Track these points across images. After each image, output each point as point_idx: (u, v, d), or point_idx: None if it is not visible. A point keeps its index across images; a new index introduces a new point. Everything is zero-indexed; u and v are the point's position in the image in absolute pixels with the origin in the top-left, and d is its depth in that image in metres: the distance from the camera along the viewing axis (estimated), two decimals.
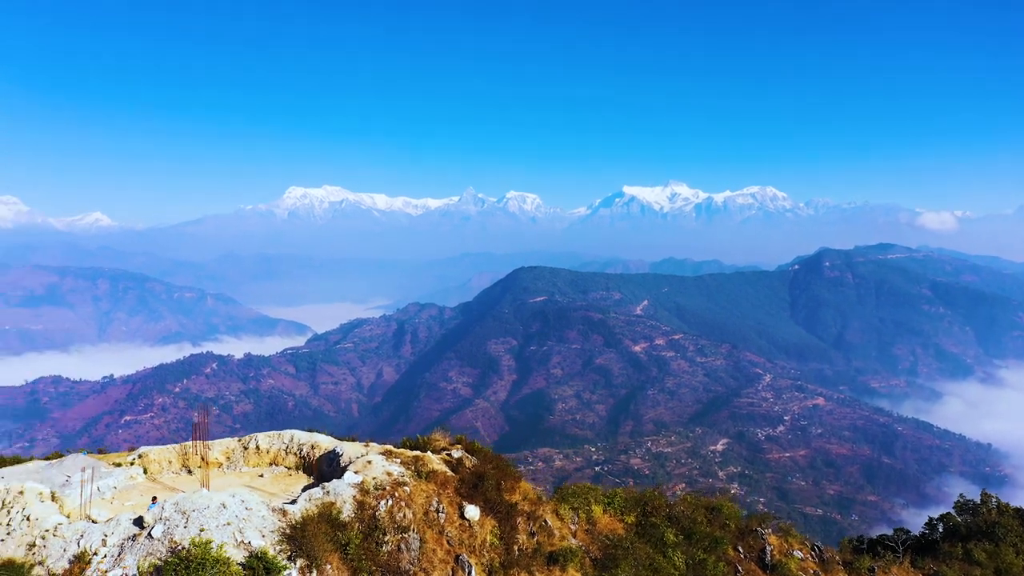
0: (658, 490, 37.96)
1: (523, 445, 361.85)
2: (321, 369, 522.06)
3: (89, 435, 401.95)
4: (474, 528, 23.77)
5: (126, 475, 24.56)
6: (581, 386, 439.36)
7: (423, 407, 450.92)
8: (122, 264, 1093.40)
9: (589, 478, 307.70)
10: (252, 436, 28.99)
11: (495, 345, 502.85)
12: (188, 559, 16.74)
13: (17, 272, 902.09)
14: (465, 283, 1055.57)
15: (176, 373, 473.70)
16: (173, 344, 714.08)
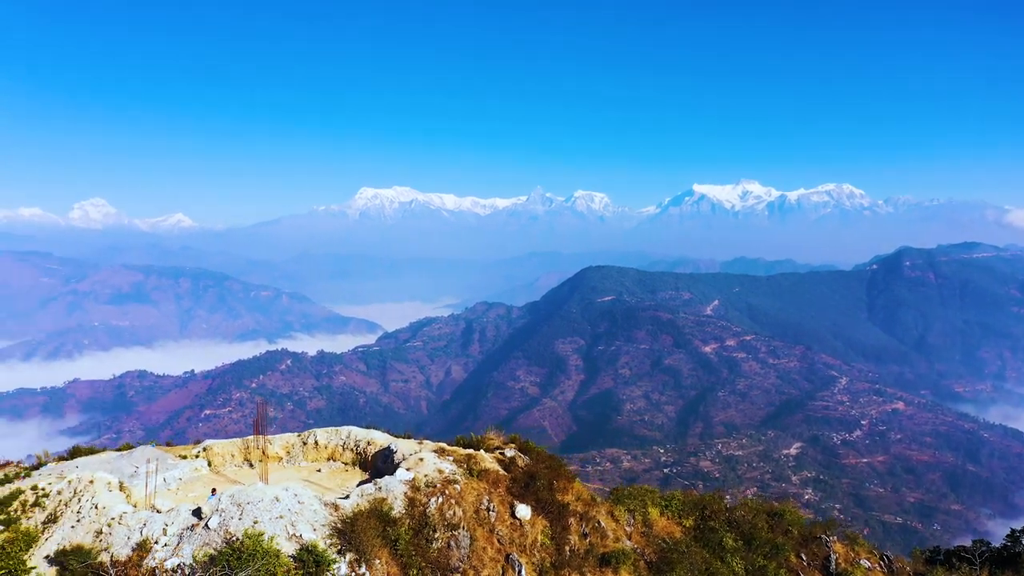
0: (718, 494, 36.91)
1: (590, 445, 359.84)
2: (391, 367, 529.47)
3: (171, 428, 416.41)
4: (525, 527, 23.54)
5: (191, 467, 25.30)
6: (649, 387, 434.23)
7: (491, 406, 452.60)
8: (202, 263, 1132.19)
9: (657, 480, 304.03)
10: (311, 432, 29.50)
11: (562, 345, 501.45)
12: (240, 550, 17.01)
13: (106, 271, 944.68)
14: (532, 282, 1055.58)
15: (253, 369, 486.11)
16: (250, 341, 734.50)
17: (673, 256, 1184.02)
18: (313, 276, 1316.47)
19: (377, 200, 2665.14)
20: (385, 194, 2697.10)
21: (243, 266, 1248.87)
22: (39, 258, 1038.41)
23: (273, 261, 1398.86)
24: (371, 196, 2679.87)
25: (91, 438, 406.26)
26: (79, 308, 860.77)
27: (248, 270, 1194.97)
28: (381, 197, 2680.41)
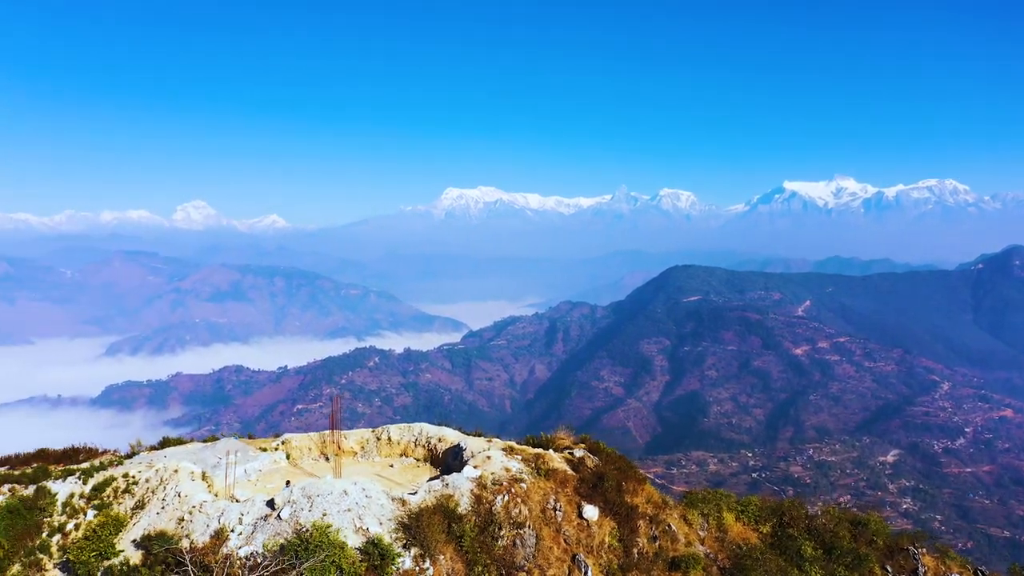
0: (797, 501, 35.54)
1: (676, 447, 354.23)
2: (476, 365, 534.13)
3: (266, 421, 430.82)
4: (592, 528, 23.33)
5: (270, 460, 26.18)
6: (737, 389, 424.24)
7: (574, 405, 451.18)
8: (295, 263, 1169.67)
9: (745, 484, 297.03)
10: (385, 428, 30.05)
11: (647, 345, 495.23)
12: (307, 541, 17.47)
13: (206, 270, 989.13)
14: (617, 282, 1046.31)
15: (342, 366, 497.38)
16: (340, 338, 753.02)
17: (762, 255, 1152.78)
18: (400, 275, 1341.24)
19: (462, 200, 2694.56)
20: (470, 194, 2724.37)
21: (334, 265, 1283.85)
22: (146, 258, 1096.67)
23: (362, 260, 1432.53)
24: (456, 196, 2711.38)
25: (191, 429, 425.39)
26: (182, 305, 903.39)
27: (338, 269, 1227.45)
28: (466, 197, 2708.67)
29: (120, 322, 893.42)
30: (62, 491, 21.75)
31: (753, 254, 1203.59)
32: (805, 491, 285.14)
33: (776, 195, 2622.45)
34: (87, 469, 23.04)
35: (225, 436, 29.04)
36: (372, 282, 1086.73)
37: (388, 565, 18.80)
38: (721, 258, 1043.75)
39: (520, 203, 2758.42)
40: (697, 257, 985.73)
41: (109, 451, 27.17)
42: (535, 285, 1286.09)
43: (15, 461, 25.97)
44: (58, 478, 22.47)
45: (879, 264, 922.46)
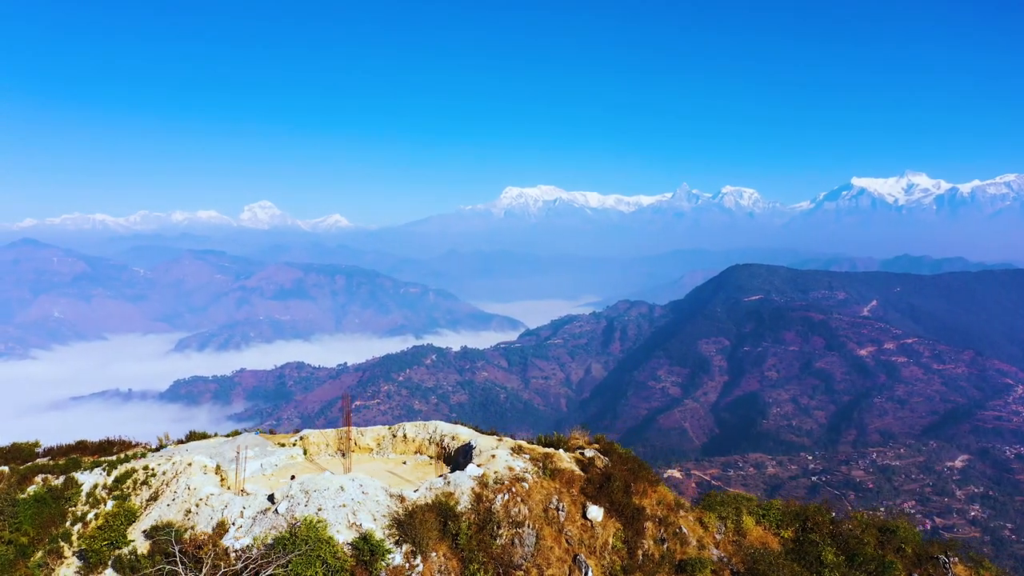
0: (824, 506, 34.65)
1: (733, 449, 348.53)
2: (532, 363, 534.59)
3: (325, 417, 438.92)
4: (596, 529, 23.31)
5: (287, 455, 26.92)
6: (798, 390, 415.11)
7: (631, 405, 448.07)
8: (356, 261, 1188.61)
9: (805, 488, 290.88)
10: (401, 425, 30.55)
11: (706, 345, 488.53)
12: (296, 535, 17.99)
13: (271, 269, 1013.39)
14: (676, 280, 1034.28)
15: (400, 363, 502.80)
16: (398, 336, 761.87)
17: (828, 254, 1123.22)
18: (459, 273, 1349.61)
19: (522, 199, 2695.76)
20: (529, 193, 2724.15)
21: (394, 264, 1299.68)
22: (214, 256, 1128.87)
23: (421, 259, 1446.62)
24: (516, 195, 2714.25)
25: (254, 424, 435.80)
26: (247, 303, 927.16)
27: (398, 268, 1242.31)
28: (525, 196, 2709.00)
29: (188, 319, 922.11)
30: (88, 482, 22.86)
31: (818, 253, 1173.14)
32: (868, 496, 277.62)
33: (843, 192, 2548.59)
34: (112, 461, 24.14)
35: (246, 431, 29.98)
36: (431, 280, 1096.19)
37: (378, 560, 19.14)
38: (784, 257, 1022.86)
39: (580, 202, 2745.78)
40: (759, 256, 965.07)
41: (141, 444, 28.42)
42: (593, 284, 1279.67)
43: (55, 452, 27.43)
44: (87, 469, 23.60)
45: (952, 263, 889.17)
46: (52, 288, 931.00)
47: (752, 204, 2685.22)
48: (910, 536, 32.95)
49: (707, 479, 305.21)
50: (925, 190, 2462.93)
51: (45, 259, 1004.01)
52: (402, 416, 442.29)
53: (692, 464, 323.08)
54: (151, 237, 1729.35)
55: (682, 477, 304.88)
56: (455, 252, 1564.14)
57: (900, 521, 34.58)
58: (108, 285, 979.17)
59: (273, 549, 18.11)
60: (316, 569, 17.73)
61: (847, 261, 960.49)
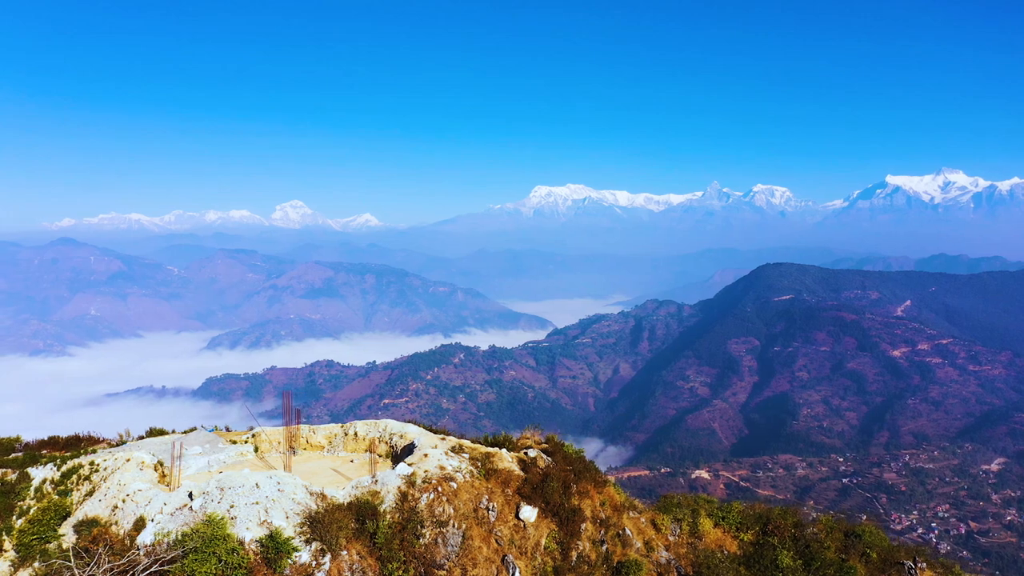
0: (791, 509, 33.53)
1: (762, 450, 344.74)
2: (560, 363, 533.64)
3: (354, 415, 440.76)
4: (528, 529, 22.70)
5: (237, 452, 26.59)
6: (829, 391, 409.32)
7: (659, 405, 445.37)
8: (386, 260, 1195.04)
9: (835, 490, 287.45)
10: (353, 423, 30.17)
11: (736, 345, 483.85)
12: (198, 531, 17.80)
13: (302, 268, 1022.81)
14: (706, 280, 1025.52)
15: (428, 362, 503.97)
16: (427, 335, 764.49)
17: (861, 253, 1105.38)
18: (488, 272, 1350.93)
19: (551, 198, 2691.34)
20: (559, 192, 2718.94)
21: (423, 263, 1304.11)
22: (246, 256, 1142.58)
23: (451, 258, 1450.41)
24: (545, 194, 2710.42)
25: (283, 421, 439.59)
26: (278, 301, 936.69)
27: (427, 267, 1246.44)
28: (555, 195, 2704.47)
29: (221, 317, 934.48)
30: (38, 476, 22.81)
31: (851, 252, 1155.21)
32: (900, 499, 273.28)
33: (878, 190, 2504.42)
34: (64, 457, 24.05)
35: (202, 428, 29.80)
36: (460, 279, 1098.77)
37: (283, 558, 18.82)
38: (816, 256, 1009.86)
39: (609, 200, 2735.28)
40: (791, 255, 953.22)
41: (105, 440, 28.41)
42: (622, 283, 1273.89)
43: (30, 447, 27.48)
44: (43, 464, 23.59)
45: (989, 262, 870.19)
46: (89, 286, 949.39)
47: (784, 203, 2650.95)
48: (876, 541, 31.74)
49: (736, 480, 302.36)
50: (962, 188, 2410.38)
51: (83, 258, 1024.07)
52: (430, 415, 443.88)
53: (720, 465, 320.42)
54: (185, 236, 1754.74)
55: (710, 478, 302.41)
56: (484, 251, 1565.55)
57: (866, 525, 33.35)
58: (143, 284, 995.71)
59: (172, 547, 17.99)
60: (210, 566, 17.51)
61: (881, 260, 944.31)
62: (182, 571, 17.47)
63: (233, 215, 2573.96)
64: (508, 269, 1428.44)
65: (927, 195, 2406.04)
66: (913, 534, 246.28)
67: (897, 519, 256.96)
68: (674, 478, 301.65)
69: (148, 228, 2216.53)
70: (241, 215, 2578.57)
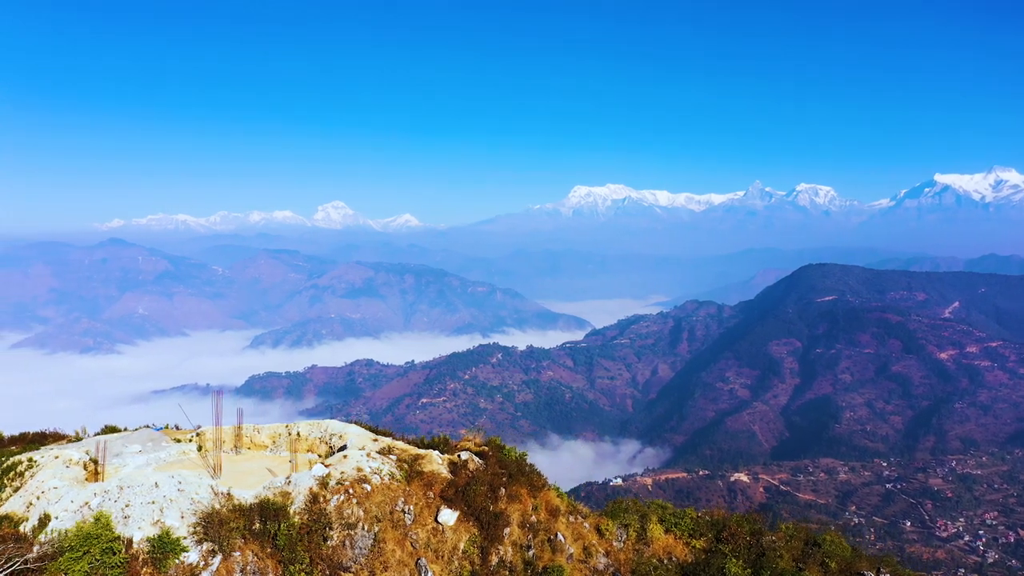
0: (750, 515, 31.95)
1: (803, 453, 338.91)
2: (598, 364, 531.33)
3: (392, 414, 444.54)
4: (446, 533, 22.01)
5: (178, 451, 26.11)
6: (873, 394, 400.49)
7: (698, 406, 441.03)
8: (425, 260, 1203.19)
9: (879, 495, 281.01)
10: (296, 424, 29.66)
11: (777, 346, 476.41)
12: (79, 529, 17.57)
13: (342, 267, 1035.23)
14: (747, 280, 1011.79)
15: (466, 361, 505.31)
16: (465, 335, 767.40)
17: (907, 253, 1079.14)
18: (526, 273, 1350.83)
19: (590, 198, 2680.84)
20: (598, 192, 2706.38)
21: (462, 263, 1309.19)
22: (288, 256, 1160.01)
23: (489, 258, 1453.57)
24: (584, 194, 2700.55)
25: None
26: (319, 301, 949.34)
27: (466, 267, 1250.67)
28: (594, 195, 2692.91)
29: (264, 316, 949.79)
30: None
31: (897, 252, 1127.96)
32: (946, 505, 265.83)
33: (926, 189, 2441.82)
34: (10, 452, 23.94)
35: (147, 427, 29.53)
36: (498, 280, 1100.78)
37: (170, 558, 18.62)
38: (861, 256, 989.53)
39: (649, 200, 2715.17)
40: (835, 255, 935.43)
41: (66, 436, 28.31)
42: (662, 283, 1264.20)
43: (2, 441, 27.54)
44: None
45: None
46: (137, 286, 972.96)
47: (828, 202, 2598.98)
48: (836, 550, 30.04)
49: (775, 484, 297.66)
50: (1015, 186, 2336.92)
51: (131, 258, 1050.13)
52: (467, 415, 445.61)
53: (760, 468, 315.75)
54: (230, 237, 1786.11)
55: (749, 481, 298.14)
56: (523, 251, 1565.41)
57: (828, 534, 31.65)
58: (189, 283, 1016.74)
59: (56, 544, 17.83)
60: (83, 564, 17.48)
61: (929, 261, 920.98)
62: (57, 569, 17.38)
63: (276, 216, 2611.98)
64: (547, 269, 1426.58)
65: (978, 194, 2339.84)
66: (960, 541, 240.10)
67: (943, 526, 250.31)
68: (712, 481, 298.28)
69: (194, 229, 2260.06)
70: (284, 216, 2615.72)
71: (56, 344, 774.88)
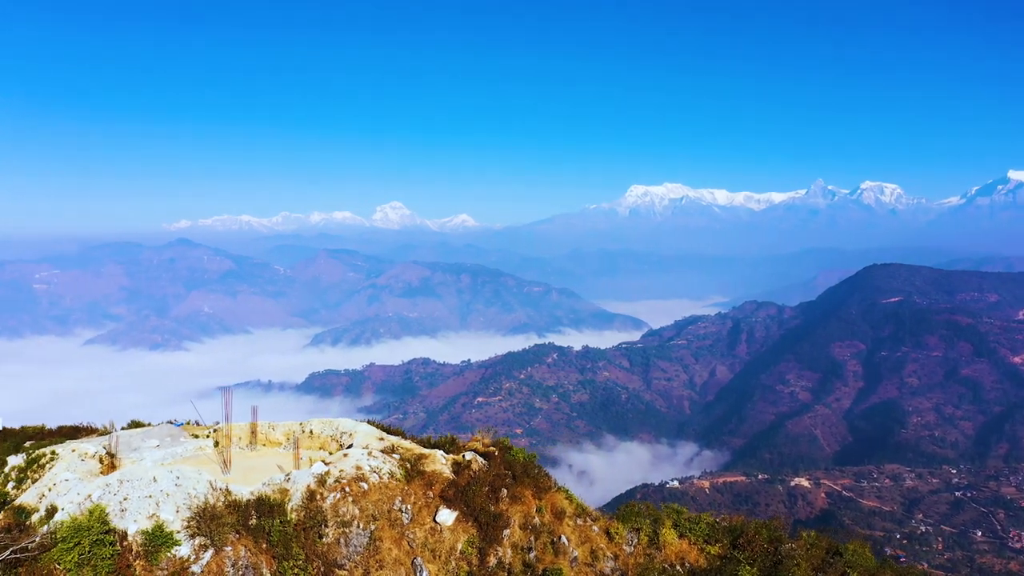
0: (772, 522, 30.55)
1: (867, 459, 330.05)
2: (654, 364, 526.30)
3: (448, 413, 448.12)
4: (444, 533, 21.76)
5: (195, 446, 26.42)
6: (942, 399, 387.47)
7: (757, 409, 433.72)
8: (481, 260, 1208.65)
9: (947, 504, 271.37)
10: (310, 421, 29.72)
11: (839, 348, 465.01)
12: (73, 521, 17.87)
13: (400, 267, 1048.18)
14: (809, 281, 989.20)
15: (522, 361, 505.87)
16: (521, 334, 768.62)
17: (979, 253, 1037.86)
18: (582, 272, 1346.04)
19: (647, 197, 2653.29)
20: (655, 191, 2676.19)
21: (518, 263, 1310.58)
22: (347, 255, 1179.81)
23: (545, 258, 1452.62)
24: (641, 193, 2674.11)
25: (381, 417, 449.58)
26: (377, 300, 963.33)
27: (522, 266, 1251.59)
28: (651, 194, 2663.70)
29: (324, 315, 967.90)
30: (11, 463, 23.40)
31: (967, 252, 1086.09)
32: (1020, 515, 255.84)
33: (999, 186, 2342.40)
34: (36, 444, 24.59)
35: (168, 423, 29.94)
36: (554, 279, 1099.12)
37: (162, 551, 18.83)
38: (929, 256, 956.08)
39: (707, 199, 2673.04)
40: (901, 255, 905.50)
41: (97, 429, 28.94)
42: (720, 284, 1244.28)
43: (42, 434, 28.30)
44: (22, 452, 24.16)
45: None
46: (203, 285, 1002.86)
47: (894, 200, 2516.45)
48: (859, 560, 28.54)
49: (837, 489, 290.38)
50: None
51: (197, 258, 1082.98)
52: (522, 415, 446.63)
53: (822, 473, 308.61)
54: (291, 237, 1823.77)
55: (810, 486, 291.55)
56: (579, 251, 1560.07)
57: (852, 543, 30.08)
58: (252, 282, 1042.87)
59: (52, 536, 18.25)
60: (74, 555, 17.85)
61: (1002, 261, 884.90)
62: (50, 559, 17.84)
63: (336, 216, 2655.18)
64: (603, 269, 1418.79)
65: None
66: None
67: (1016, 536, 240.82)
68: (772, 485, 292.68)
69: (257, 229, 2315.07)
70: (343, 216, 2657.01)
71: (127, 341, 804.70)
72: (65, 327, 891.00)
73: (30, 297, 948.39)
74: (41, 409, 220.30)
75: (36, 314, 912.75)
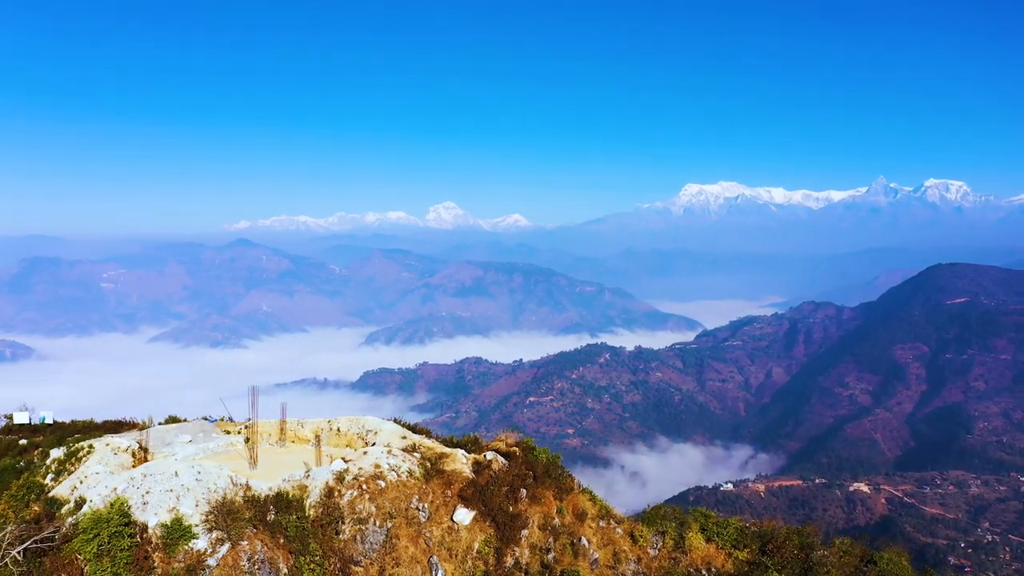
0: (800, 528, 29.35)
1: (931, 464, 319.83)
2: (708, 365, 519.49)
3: (500, 411, 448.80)
4: (461, 532, 21.57)
5: (226, 442, 26.94)
6: (1011, 403, 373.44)
7: (814, 412, 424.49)
8: (534, 260, 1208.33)
9: (1015, 512, 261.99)
10: (337, 419, 29.93)
11: (901, 351, 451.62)
12: (96, 514, 18.16)
13: (453, 267, 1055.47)
14: (870, 281, 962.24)
15: (574, 361, 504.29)
16: (573, 334, 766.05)
17: None
18: (635, 272, 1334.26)
19: (702, 196, 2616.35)
20: (710, 190, 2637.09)
21: (570, 263, 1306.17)
22: (401, 255, 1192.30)
23: (598, 257, 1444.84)
24: (695, 192, 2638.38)
25: (434, 415, 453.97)
26: (430, 300, 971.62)
27: (575, 266, 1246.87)
28: (706, 193, 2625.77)
29: (378, 314, 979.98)
30: (52, 455, 24.03)
31: None
32: None
33: None
34: (77, 438, 25.24)
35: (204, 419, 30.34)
36: (607, 279, 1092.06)
37: (180, 543, 19.13)
38: (997, 256, 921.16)
39: (763, 198, 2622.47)
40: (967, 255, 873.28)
41: (138, 423, 29.58)
42: (776, 284, 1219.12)
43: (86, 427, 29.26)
44: (63, 446, 24.84)
45: None
46: (261, 284, 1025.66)
47: (960, 198, 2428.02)
48: (894, 570, 27.25)
49: (899, 495, 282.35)
50: None
51: (256, 258, 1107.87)
52: (574, 414, 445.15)
53: (882, 478, 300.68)
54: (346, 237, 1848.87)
55: (870, 492, 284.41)
56: (632, 251, 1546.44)
57: (888, 552, 28.71)
58: (308, 282, 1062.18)
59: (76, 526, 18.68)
60: (93, 546, 18.21)
61: None
62: (71, 549, 18.17)
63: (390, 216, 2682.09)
64: (656, 269, 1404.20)
65: None
66: None
67: None
68: (829, 490, 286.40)
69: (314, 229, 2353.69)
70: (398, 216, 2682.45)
71: (189, 338, 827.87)
72: (131, 325, 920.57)
73: (98, 296, 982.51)
74: (108, 405, 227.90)
75: (104, 312, 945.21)
